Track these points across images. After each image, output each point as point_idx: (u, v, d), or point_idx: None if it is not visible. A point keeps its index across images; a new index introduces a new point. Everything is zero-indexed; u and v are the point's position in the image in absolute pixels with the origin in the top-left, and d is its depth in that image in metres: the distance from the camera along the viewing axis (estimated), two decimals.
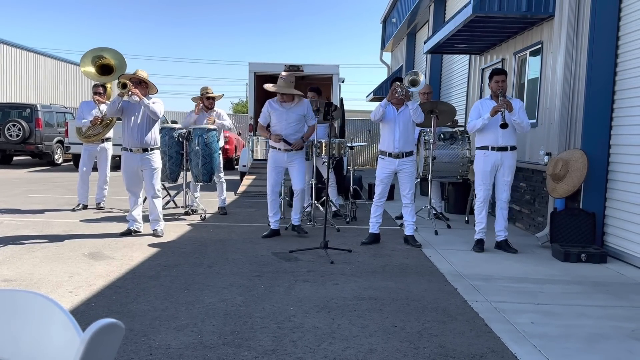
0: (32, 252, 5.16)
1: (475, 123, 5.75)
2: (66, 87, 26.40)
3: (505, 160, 5.71)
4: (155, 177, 6.10)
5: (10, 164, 16.13)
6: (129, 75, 6.01)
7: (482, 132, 5.79)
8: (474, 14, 6.68)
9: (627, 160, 5.45)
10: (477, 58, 9.67)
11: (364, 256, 5.39)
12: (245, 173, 10.76)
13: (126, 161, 6.03)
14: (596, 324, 3.60)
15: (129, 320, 3.40)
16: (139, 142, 5.97)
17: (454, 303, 3.95)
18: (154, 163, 6.08)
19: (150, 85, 6.04)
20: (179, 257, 5.13)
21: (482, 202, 5.84)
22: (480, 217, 5.83)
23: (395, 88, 5.79)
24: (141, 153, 6.00)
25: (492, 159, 5.73)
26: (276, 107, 6.20)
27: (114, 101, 5.95)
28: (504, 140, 5.68)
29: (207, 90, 7.79)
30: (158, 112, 5.99)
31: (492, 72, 5.85)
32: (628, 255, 5.36)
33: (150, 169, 6.06)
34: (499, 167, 5.74)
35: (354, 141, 8.42)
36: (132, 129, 5.95)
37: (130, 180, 6.11)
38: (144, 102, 5.87)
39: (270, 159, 6.35)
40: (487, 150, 5.75)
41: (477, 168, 5.86)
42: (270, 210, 6.31)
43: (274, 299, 3.92)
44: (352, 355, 2.98)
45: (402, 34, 16.25)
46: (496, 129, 5.63)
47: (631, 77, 5.42)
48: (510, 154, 5.72)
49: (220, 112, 7.90)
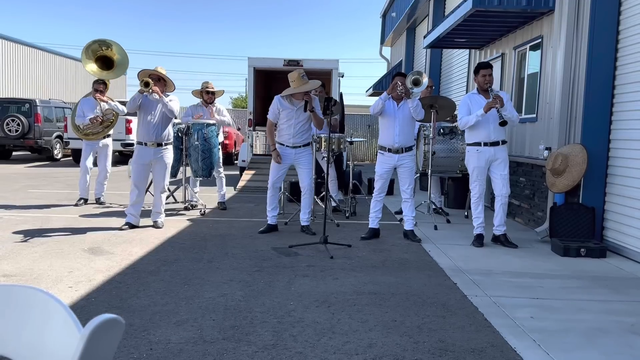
0: (31, 248, 5.16)
1: (468, 120, 5.73)
2: (65, 82, 26.33)
3: (498, 155, 5.71)
4: (166, 172, 6.27)
5: (10, 159, 16.11)
6: (149, 72, 6.07)
7: (473, 128, 5.78)
8: (474, 8, 6.66)
9: (627, 155, 5.45)
10: (477, 52, 9.65)
11: (364, 251, 5.40)
12: (245, 168, 10.75)
13: (139, 154, 6.13)
14: (595, 318, 3.60)
15: (129, 315, 3.41)
16: (155, 137, 6.11)
17: (454, 298, 3.96)
18: (167, 158, 6.24)
19: (168, 83, 6.19)
20: (178, 252, 5.13)
21: (478, 198, 5.84)
22: (477, 212, 5.83)
23: (396, 82, 5.77)
24: (155, 147, 6.12)
25: (486, 154, 5.73)
26: (286, 106, 6.10)
27: (135, 98, 6.04)
28: (495, 135, 5.69)
29: (208, 84, 7.79)
30: (175, 110, 6.15)
31: (477, 66, 5.86)
32: (627, 250, 5.37)
33: (163, 164, 6.21)
34: (492, 162, 5.74)
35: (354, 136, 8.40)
36: (148, 124, 6.08)
37: (139, 174, 6.17)
38: (164, 100, 6.00)
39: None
40: (479, 146, 5.75)
41: (471, 164, 5.84)
42: (269, 204, 6.29)
43: (273, 294, 3.92)
44: (352, 349, 2.98)
45: (401, 29, 16.21)
46: (488, 124, 5.65)
47: (631, 72, 5.41)
48: (502, 148, 5.74)
49: (221, 107, 7.90)
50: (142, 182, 6.23)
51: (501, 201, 5.76)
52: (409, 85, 5.76)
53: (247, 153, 10.88)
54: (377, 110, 5.86)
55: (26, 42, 23.50)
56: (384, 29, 18.89)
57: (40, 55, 24.39)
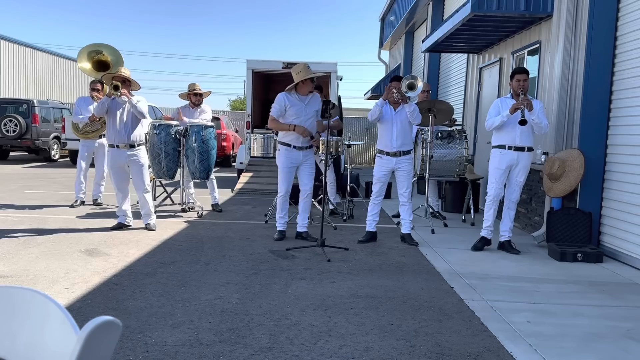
0: (28, 248, 5.15)
1: (494, 120, 5.65)
2: (63, 83, 26.29)
3: (520, 161, 5.61)
4: (144, 173, 6.20)
5: (7, 160, 16.07)
6: (112, 74, 6.06)
7: (499, 131, 5.69)
8: (472, 13, 6.68)
9: (624, 161, 5.47)
10: (475, 57, 9.67)
11: (361, 254, 5.40)
12: (243, 170, 10.75)
13: (113, 158, 6.11)
14: (592, 323, 3.61)
15: (125, 317, 3.40)
16: (126, 139, 6.06)
17: (450, 302, 3.96)
18: (141, 159, 6.18)
19: (133, 83, 6.15)
20: (175, 254, 5.12)
21: (492, 200, 5.75)
22: (488, 214, 5.76)
23: (391, 88, 5.77)
24: (128, 149, 6.07)
25: (508, 157, 5.63)
26: (295, 101, 5.78)
27: (103, 102, 6.02)
28: (521, 140, 5.58)
29: (195, 86, 7.79)
30: (145, 112, 6.10)
31: (513, 71, 5.73)
32: (624, 255, 5.38)
33: (138, 165, 6.15)
34: (513, 167, 5.67)
35: (352, 139, 8.41)
36: (117, 126, 6.04)
37: (118, 177, 6.17)
38: (132, 102, 5.97)
39: (283, 158, 5.86)
40: (503, 149, 5.66)
41: (492, 165, 5.75)
42: (281, 210, 6.00)
43: (270, 297, 3.92)
44: (348, 353, 2.98)
45: (400, 32, 16.24)
46: (514, 128, 5.53)
47: (629, 78, 5.43)
48: (526, 155, 5.63)
49: (205, 108, 7.86)
50: (123, 184, 6.22)
51: (509, 206, 5.72)
52: (404, 89, 5.76)
53: (245, 155, 10.87)
54: (375, 117, 5.85)
55: (24, 43, 23.46)
56: (383, 33, 18.93)
57: (38, 56, 24.34)
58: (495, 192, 5.74)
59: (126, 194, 6.26)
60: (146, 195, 6.22)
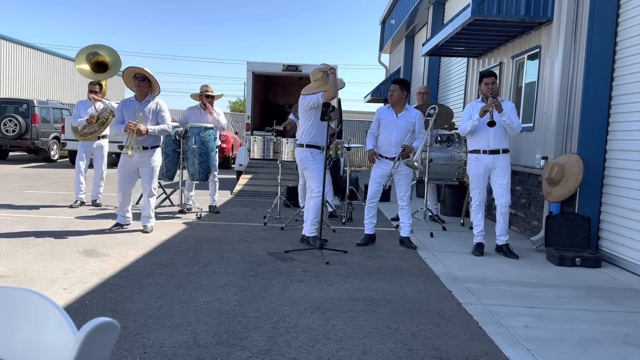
0: (26, 249, 5.14)
1: (466, 125, 5.76)
2: (63, 83, 26.30)
3: (497, 163, 5.69)
4: (153, 176, 6.14)
5: (6, 160, 16.07)
6: (135, 69, 6.01)
7: (473, 136, 5.79)
8: (472, 17, 6.69)
9: (623, 166, 5.47)
10: (475, 61, 9.69)
11: (359, 257, 5.39)
12: (242, 172, 10.75)
13: (125, 159, 6.03)
14: (590, 328, 3.61)
15: (123, 318, 3.40)
16: (140, 142, 6.00)
17: (449, 305, 3.96)
18: (153, 162, 6.12)
19: (153, 85, 6.07)
20: (174, 256, 5.12)
21: (477, 206, 5.86)
22: (477, 219, 5.84)
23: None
24: (141, 151, 6.01)
25: (484, 162, 5.72)
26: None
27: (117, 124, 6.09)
28: (495, 143, 5.67)
29: (207, 88, 7.81)
30: (167, 128, 6.14)
31: (481, 75, 5.86)
32: (622, 260, 5.38)
33: (149, 167, 6.09)
34: (492, 170, 5.74)
35: (351, 142, 8.41)
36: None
37: (124, 179, 6.13)
38: (155, 133, 6.02)
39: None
40: (478, 153, 5.76)
41: (470, 172, 5.88)
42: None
43: (268, 299, 3.92)
44: (346, 356, 2.98)
45: (400, 36, 16.27)
46: (487, 132, 5.62)
47: (628, 83, 5.44)
48: (502, 157, 5.70)
49: (219, 110, 7.92)
50: (127, 186, 6.19)
51: (501, 210, 5.74)
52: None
53: (244, 157, 10.88)
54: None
55: (25, 43, 23.48)
56: (383, 36, 18.96)
57: (38, 56, 24.36)
58: (479, 198, 5.83)
59: (128, 196, 6.22)
60: (151, 199, 6.19)
